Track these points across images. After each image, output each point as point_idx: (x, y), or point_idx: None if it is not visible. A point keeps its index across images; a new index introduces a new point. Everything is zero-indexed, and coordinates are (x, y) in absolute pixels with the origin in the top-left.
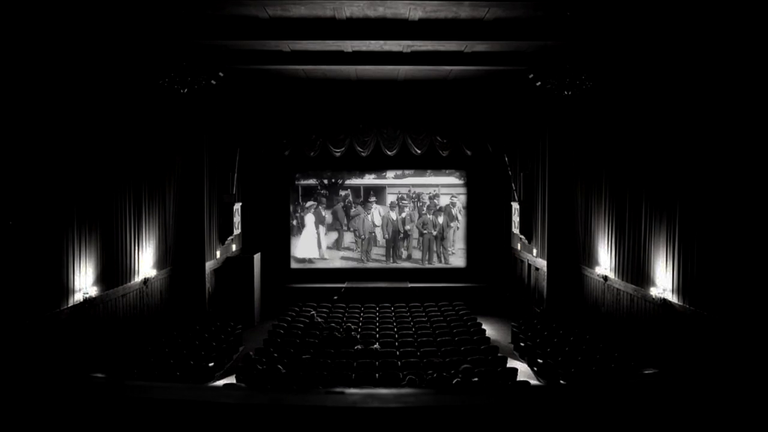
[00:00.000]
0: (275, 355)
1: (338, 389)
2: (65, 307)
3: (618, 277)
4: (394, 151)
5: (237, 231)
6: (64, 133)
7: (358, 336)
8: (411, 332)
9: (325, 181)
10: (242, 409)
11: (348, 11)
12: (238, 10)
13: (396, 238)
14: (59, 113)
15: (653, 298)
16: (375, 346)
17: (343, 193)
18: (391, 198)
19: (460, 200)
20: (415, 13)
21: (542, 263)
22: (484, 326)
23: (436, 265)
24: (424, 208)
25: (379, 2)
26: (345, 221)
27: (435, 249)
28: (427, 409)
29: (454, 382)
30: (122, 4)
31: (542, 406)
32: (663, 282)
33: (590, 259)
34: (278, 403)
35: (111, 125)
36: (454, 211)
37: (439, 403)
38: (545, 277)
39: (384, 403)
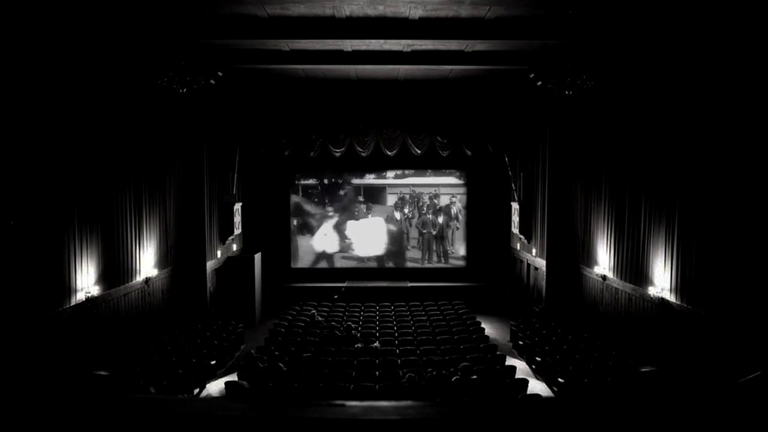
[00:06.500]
0: (276, 353)
1: (339, 402)
2: (67, 306)
3: (616, 277)
4: (394, 151)
5: (237, 231)
6: (65, 134)
7: (359, 335)
8: (411, 331)
9: (326, 181)
10: (245, 422)
11: (347, 10)
12: (236, 8)
13: (400, 237)
14: (59, 114)
15: (651, 298)
16: (375, 344)
17: (342, 192)
18: (391, 198)
19: (460, 200)
20: (415, 11)
21: (541, 263)
22: (483, 325)
23: (436, 264)
24: (424, 208)
25: (379, 1)
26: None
27: (435, 248)
28: (427, 421)
29: (453, 380)
30: (120, 3)
31: (542, 420)
32: (661, 281)
33: (589, 259)
34: (280, 416)
35: (111, 125)
36: (453, 210)
37: (439, 415)
38: (544, 277)
39: (384, 415)
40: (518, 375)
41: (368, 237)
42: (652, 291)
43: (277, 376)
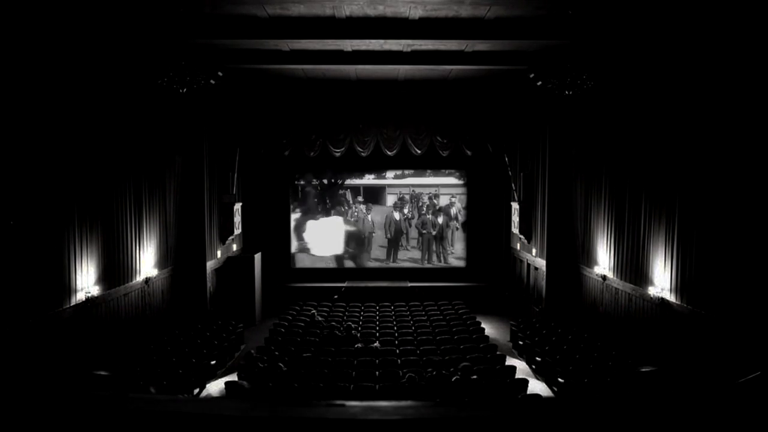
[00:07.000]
0: (276, 353)
1: (339, 402)
2: (67, 306)
3: (616, 277)
4: (394, 151)
5: (237, 231)
6: (65, 134)
7: (359, 335)
8: (411, 331)
9: (325, 181)
10: (244, 422)
11: (347, 10)
12: (236, 9)
13: (398, 238)
14: (59, 113)
15: (651, 298)
16: (375, 344)
17: (342, 193)
18: (390, 198)
19: (460, 200)
20: (415, 11)
21: (541, 263)
22: (483, 325)
23: (436, 264)
24: (424, 208)
25: (379, 1)
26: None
27: (434, 249)
28: (427, 421)
29: (453, 380)
30: (120, 3)
31: (542, 420)
32: (661, 281)
33: (589, 259)
34: (280, 416)
35: (111, 125)
36: (453, 210)
37: (438, 415)
38: (544, 277)
39: (384, 415)
40: (518, 375)
41: (367, 236)
42: (652, 291)
43: (277, 376)
